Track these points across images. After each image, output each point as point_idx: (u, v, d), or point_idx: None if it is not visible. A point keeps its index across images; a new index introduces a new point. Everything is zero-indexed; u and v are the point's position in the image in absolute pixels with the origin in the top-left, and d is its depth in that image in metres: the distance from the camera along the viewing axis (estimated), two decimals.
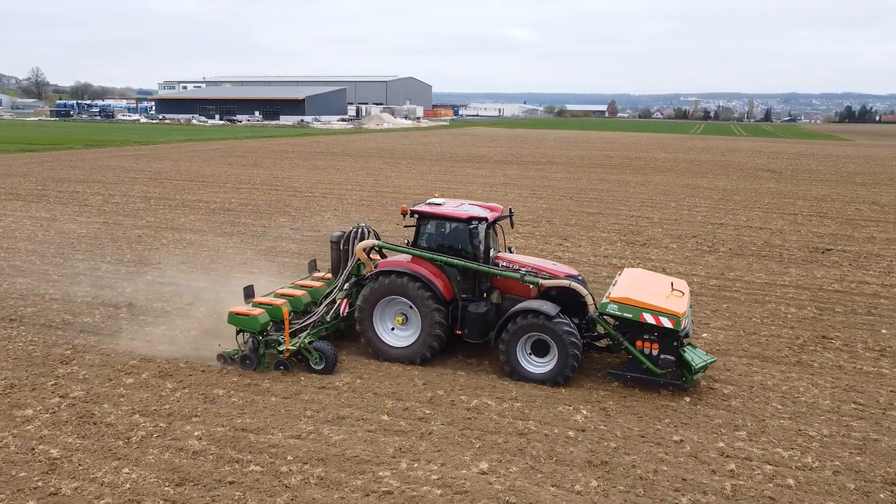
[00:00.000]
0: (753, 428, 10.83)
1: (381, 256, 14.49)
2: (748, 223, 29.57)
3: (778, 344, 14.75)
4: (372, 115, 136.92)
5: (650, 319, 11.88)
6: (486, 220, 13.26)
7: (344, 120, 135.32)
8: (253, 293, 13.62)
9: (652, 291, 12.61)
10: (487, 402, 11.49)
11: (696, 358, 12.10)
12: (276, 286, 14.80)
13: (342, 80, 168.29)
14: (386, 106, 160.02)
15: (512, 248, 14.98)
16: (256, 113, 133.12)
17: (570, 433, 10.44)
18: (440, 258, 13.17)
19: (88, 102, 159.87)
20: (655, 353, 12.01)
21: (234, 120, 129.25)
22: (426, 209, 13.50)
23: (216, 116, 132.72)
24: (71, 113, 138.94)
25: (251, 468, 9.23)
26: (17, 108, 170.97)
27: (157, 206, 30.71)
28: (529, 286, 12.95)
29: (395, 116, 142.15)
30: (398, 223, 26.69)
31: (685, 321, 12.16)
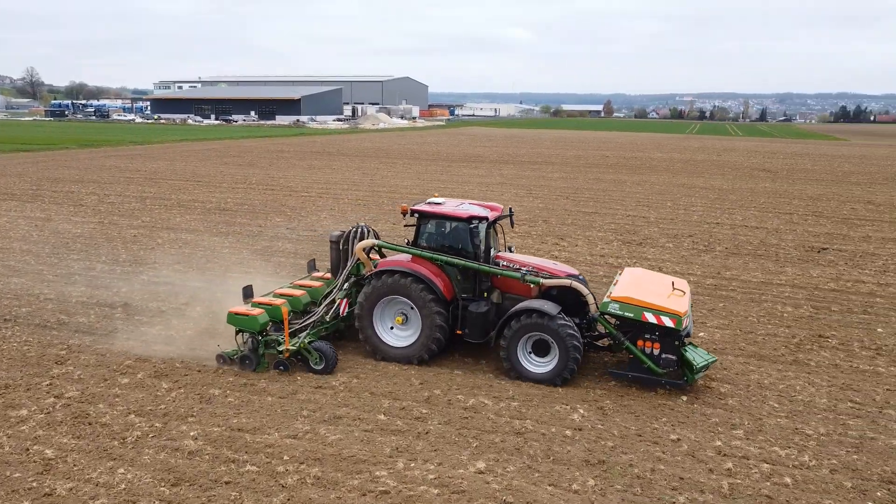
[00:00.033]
0: (750, 427, 10.83)
1: (380, 256, 14.45)
2: (744, 222, 29.61)
3: (774, 343, 14.76)
4: (368, 114, 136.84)
5: (652, 319, 11.86)
6: (486, 219, 13.21)
7: (340, 120, 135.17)
8: (252, 293, 13.54)
9: (653, 291, 12.59)
10: (484, 401, 11.46)
11: (697, 357, 12.09)
12: (272, 286, 14.76)
13: (338, 79, 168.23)
14: (382, 106, 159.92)
15: (512, 247, 14.93)
16: (252, 113, 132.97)
17: (567, 432, 10.43)
18: (440, 257, 13.12)
19: (83, 102, 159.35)
20: (657, 352, 11.99)
21: (229, 120, 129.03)
22: (426, 208, 13.44)
23: (212, 116, 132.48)
24: (66, 113, 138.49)
25: (247, 468, 9.20)
26: (11, 108, 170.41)
27: (152, 205, 30.62)
28: (530, 286, 12.91)
29: (391, 116, 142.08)
30: (394, 223, 26.67)
31: (686, 320, 12.15)
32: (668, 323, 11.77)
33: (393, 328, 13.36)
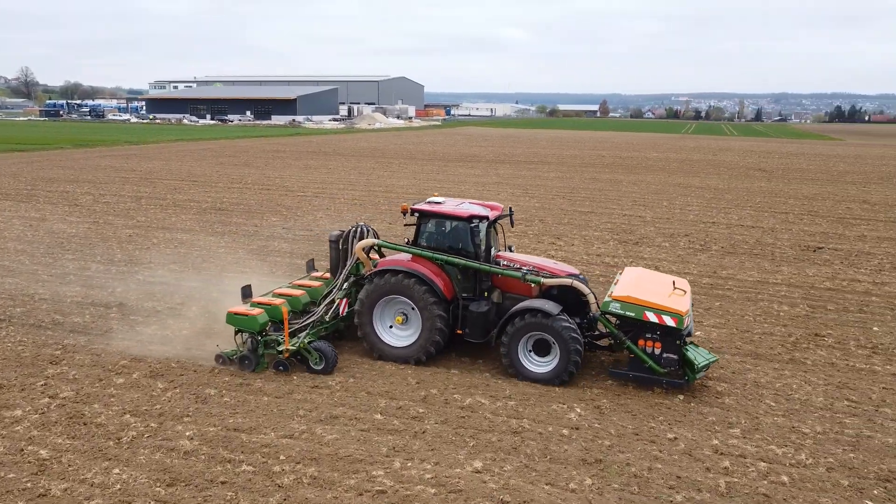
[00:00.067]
0: (747, 425, 10.83)
1: (379, 256, 14.41)
2: (740, 222, 29.66)
3: (771, 342, 14.77)
4: (364, 114, 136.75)
5: (653, 318, 11.84)
6: (487, 218, 13.16)
7: (336, 120, 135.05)
8: (251, 293, 13.45)
9: (654, 290, 12.57)
10: (481, 400, 11.44)
11: (698, 357, 12.07)
12: (268, 286, 14.71)
13: (334, 79, 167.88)
14: (378, 106, 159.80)
15: (512, 246, 14.89)
16: (248, 113, 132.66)
17: (564, 431, 10.41)
18: (441, 257, 13.08)
19: (78, 102, 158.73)
20: (658, 351, 11.97)
21: (225, 120, 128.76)
22: (427, 207, 13.37)
23: (207, 116, 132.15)
24: (60, 113, 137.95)
25: (243, 468, 9.16)
26: (5, 107, 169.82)
27: (147, 205, 30.52)
28: (531, 285, 12.87)
29: (386, 116, 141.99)
30: (391, 222, 26.65)
31: (688, 320, 12.13)
32: (669, 322, 11.75)
33: (392, 327, 13.31)
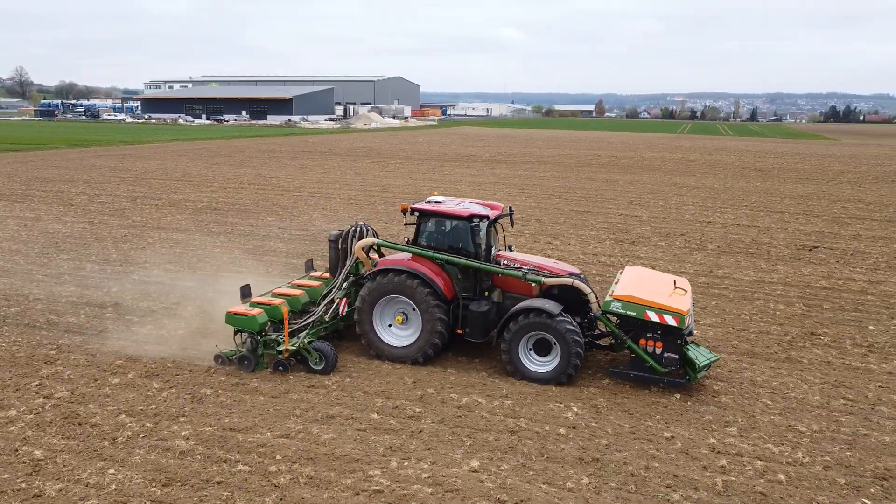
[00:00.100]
0: (744, 424, 10.84)
1: (379, 255, 14.36)
2: (736, 221, 29.70)
3: (767, 340, 14.79)
4: (360, 114, 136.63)
5: (654, 317, 11.82)
6: (487, 217, 13.12)
7: (331, 119, 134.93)
8: (249, 293, 13.37)
9: (655, 289, 12.54)
10: (478, 399, 11.42)
11: (699, 356, 12.06)
12: (264, 285, 14.65)
13: (330, 79, 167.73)
14: (374, 105, 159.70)
15: (512, 246, 14.86)
16: (243, 112, 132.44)
17: (561, 430, 10.40)
18: (441, 256, 13.04)
19: (73, 102, 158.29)
20: (659, 351, 11.95)
21: (220, 119, 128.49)
22: (427, 207, 13.31)
23: (203, 116, 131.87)
24: (55, 113, 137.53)
25: (239, 468, 9.12)
26: (0, 107, 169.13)
27: (143, 205, 30.43)
28: (531, 284, 12.83)
29: (382, 116, 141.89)
30: (387, 222, 26.62)
31: (689, 319, 12.12)
32: (670, 322, 11.73)
33: (391, 325, 13.26)
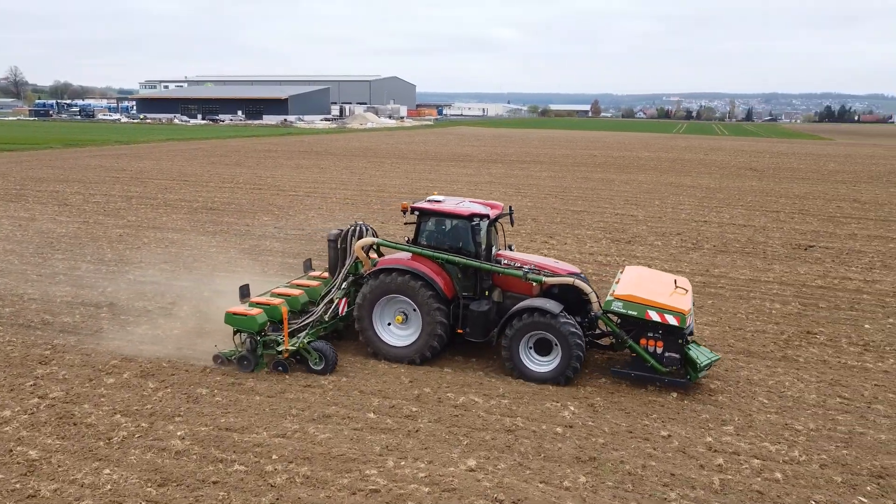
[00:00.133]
0: (740, 422, 10.84)
1: (378, 255, 14.32)
2: (731, 220, 29.75)
3: (763, 339, 14.80)
4: (356, 114, 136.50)
5: (655, 317, 11.80)
6: (487, 217, 13.08)
7: (327, 119, 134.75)
8: (248, 293, 13.29)
9: (656, 289, 12.51)
10: (475, 399, 11.40)
11: (701, 356, 12.04)
12: (260, 285, 14.59)
13: (326, 79, 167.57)
14: (370, 105, 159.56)
15: (512, 245, 14.83)
16: (239, 112, 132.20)
17: (557, 429, 10.39)
18: (441, 256, 12.99)
19: (68, 102, 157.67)
20: (660, 350, 11.93)
21: (216, 119, 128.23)
22: (427, 206, 13.25)
23: (198, 116, 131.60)
24: (50, 112, 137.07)
25: (235, 468, 9.08)
26: None
27: (138, 205, 30.33)
28: (532, 284, 12.79)
29: (378, 116, 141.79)
30: (383, 221, 26.59)
31: (690, 318, 12.10)
32: (672, 321, 11.71)
33: (390, 324, 13.21)
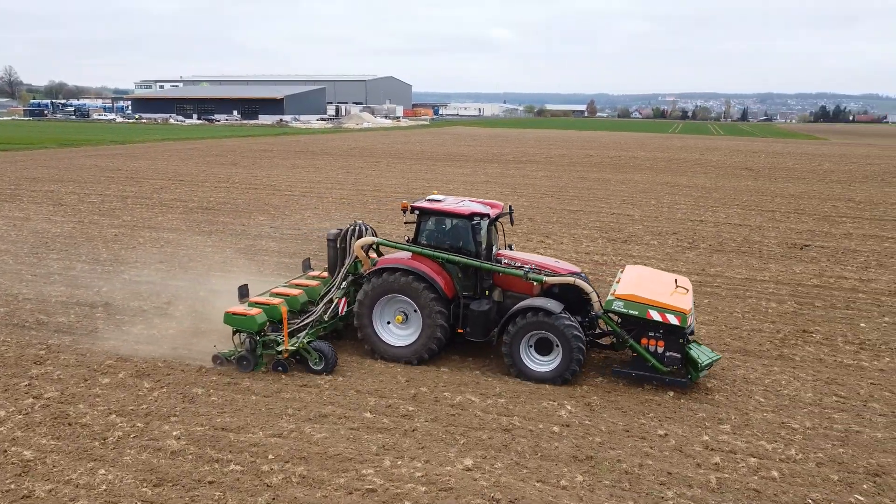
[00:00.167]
0: (737, 421, 10.84)
1: (378, 255, 14.28)
2: (727, 220, 29.79)
3: (759, 338, 14.82)
4: (351, 114, 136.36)
5: (656, 316, 11.78)
6: (488, 216, 13.05)
7: (323, 119, 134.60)
8: (247, 292, 13.24)
9: (657, 288, 12.49)
10: (471, 398, 11.39)
11: (702, 355, 12.03)
12: (256, 284, 14.53)
13: (321, 79, 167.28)
14: (365, 105, 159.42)
15: (512, 244, 14.81)
16: (235, 112, 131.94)
17: (554, 428, 10.38)
18: (442, 255, 12.96)
19: (63, 102, 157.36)
20: (661, 350, 11.91)
21: (212, 119, 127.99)
22: (427, 205, 13.21)
23: (194, 116, 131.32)
24: (45, 112, 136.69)
25: (231, 468, 9.05)
26: None
27: (133, 205, 30.24)
28: (532, 283, 12.76)
29: (374, 116, 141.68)
30: (379, 221, 26.56)
31: (691, 318, 12.08)
32: (673, 321, 11.69)
33: (389, 323, 13.17)
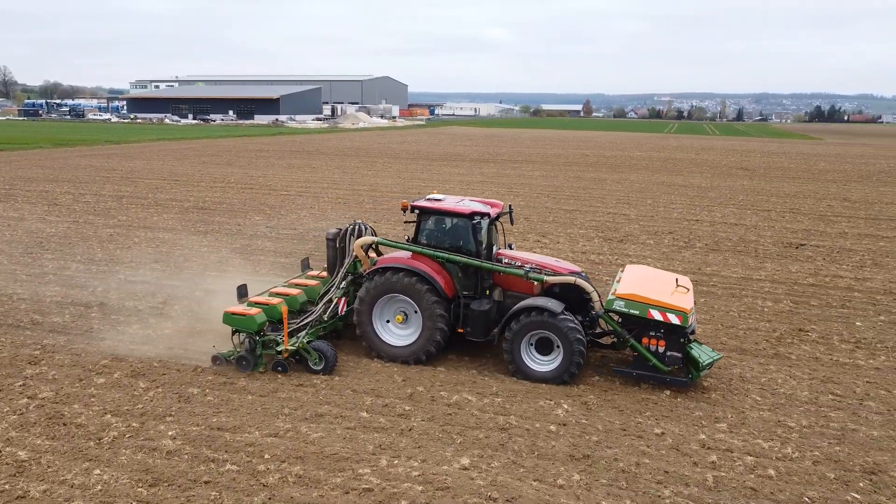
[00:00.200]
0: (734, 420, 10.85)
1: (377, 254, 14.24)
2: (723, 219, 29.84)
3: (756, 337, 14.83)
4: (347, 114, 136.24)
5: (657, 316, 11.77)
6: (488, 215, 13.03)
7: (319, 119, 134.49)
8: (246, 292, 13.19)
9: (657, 288, 12.49)
10: (468, 397, 11.37)
11: (702, 355, 12.02)
12: (253, 284, 14.48)
13: (317, 79, 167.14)
14: (361, 105, 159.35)
15: (512, 244, 14.79)
16: (230, 112, 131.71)
17: (551, 427, 10.37)
18: (442, 255, 12.92)
19: (58, 102, 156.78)
20: (662, 349, 11.90)
21: (207, 119, 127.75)
22: (427, 205, 13.17)
23: (189, 116, 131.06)
24: (40, 112, 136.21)
25: (227, 467, 9.01)
26: None
27: (128, 204, 30.14)
28: (532, 283, 12.73)
29: (370, 116, 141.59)
30: (375, 221, 26.52)
31: (692, 317, 12.07)
32: (674, 320, 11.68)
33: (389, 322, 13.13)
